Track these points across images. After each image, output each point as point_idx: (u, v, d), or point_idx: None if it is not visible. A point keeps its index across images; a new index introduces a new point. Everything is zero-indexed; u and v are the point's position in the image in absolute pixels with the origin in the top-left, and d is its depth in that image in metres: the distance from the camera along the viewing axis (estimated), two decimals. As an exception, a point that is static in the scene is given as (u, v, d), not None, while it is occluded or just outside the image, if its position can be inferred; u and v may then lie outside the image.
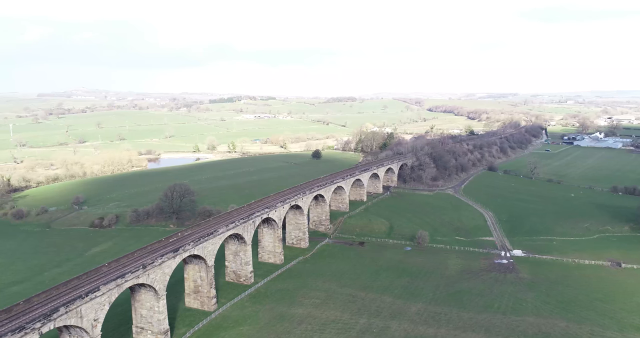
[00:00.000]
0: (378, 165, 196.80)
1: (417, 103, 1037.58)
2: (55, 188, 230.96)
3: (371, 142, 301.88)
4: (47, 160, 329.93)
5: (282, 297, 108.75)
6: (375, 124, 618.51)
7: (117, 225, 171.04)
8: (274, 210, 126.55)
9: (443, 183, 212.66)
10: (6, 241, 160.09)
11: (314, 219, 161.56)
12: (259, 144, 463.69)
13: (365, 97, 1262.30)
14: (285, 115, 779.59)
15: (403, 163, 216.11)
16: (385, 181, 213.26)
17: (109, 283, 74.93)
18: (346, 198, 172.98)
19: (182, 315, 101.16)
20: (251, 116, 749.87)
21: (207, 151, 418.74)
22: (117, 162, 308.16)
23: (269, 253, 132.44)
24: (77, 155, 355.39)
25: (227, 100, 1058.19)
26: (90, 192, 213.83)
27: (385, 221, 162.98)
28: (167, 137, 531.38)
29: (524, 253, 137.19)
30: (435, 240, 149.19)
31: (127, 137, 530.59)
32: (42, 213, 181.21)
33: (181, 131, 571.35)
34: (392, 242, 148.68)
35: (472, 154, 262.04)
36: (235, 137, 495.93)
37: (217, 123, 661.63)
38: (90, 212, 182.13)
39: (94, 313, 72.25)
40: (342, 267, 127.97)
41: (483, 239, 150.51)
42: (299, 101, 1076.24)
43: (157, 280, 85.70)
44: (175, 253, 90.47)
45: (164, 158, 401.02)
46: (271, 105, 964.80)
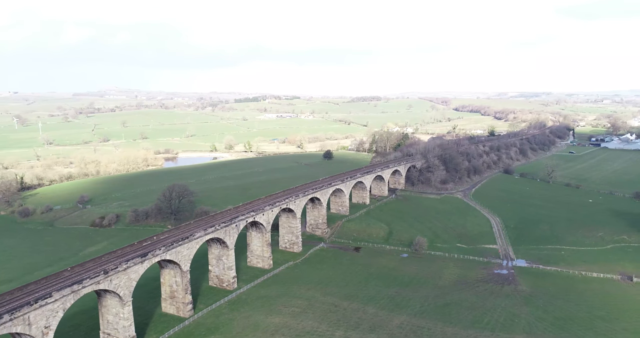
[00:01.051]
0: (383, 168, 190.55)
1: (444, 102, 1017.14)
2: (65, 187, 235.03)
3: (385, 142, 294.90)
4: (67, 158, 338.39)
5: (262, 304, 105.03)
6: (397, 124, 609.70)
7: (116, 225, 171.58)
8: (261, 214, 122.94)
9: (453, 186, 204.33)
10: (8, 239, 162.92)
11: (310, 223, 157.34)
12: (276, 143, 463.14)
13: (391, 97, 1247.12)
14: (308, 115, 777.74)
15: (411, 165, 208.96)
16: (393, 183, 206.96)
17: (64, 290, 72.87)
18: (346, 201, 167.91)
19: (157, 321, 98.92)
20: (273, 115, 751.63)
21: (225, 150, 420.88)
22: (132, 160, 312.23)
23: (257, 257, 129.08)
24: (96, 153, 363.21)
25: (252, 99, 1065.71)
26: (99, 191, 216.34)
27: (385, 226, 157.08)
28: (188, 136, 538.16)
29: (527, 264, 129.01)
30: (434, 247, 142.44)
31: (150, 136, 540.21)
32: (46, 212, 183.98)
33: (203, 130, 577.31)
34: (389, 248, 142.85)
35: (487, 155, 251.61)
36: (255, 137, 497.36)
37: (239, 122, 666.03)
38: (93, 211, 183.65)
39: (44, 321, 70.29)
40: (331, 273, 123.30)
41: (486, 247, 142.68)
42: (323, 101, 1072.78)
43: (121, 286, 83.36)
44: (143, 258, 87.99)
45: (181, 157, 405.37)
46: (295, 105, 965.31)
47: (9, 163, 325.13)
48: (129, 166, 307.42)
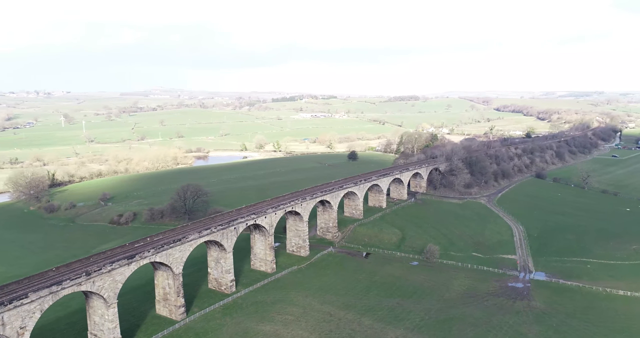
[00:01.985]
0: (402, 170, 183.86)
1: (485, 102, 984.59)
2: (93, 184, 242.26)
3: (412, 143, 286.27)
4: (103, 156, 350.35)
5: (256, 310, 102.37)
6: (433, 124, 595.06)
7: (133, 223, 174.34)
8: (263, 216, 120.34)
9: (477, 191, 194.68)
10: (31, 234, 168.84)
11: (321, 226, 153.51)
12: (307, 143, 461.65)
13: (430, 96, 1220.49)
14: (343, 114, 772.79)
15: (434, 168, 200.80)
16: (414, 187, 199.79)
17: (41, 291, 72.78)
18: (360, 204, 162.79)
19: (148, 323, 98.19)
20: (308, 115, 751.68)
21: (255, 150, 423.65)
22: (162, 159, 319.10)
23: (260, 260, 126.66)
24: (130, 151, 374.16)
25: (289, 99, 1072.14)
26: (123, 189, 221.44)
27: (398, 231, 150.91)
28: (222, 135, 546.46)
29: (546, 277, 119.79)
30: (447, 256, 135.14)
31: (185, 134, 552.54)
32: (70, 208, 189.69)
33: (237, 129, 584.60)
34: (399, 255, 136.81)
35: (519, 159, 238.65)
36: (287, 136, 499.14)
37: (273, 122, 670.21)
38: (113, 208, 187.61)
39: (20, 321, 70.33)
40: (333, 280, 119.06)
41: (503, 257, 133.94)
42: (360, 100, 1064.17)
43: (105, 288, 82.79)
44: (130, 260, 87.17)
45: (212, 156, 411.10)
46: (331, 104, 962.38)
47: (49, 159, 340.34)
48: (159, 164, 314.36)
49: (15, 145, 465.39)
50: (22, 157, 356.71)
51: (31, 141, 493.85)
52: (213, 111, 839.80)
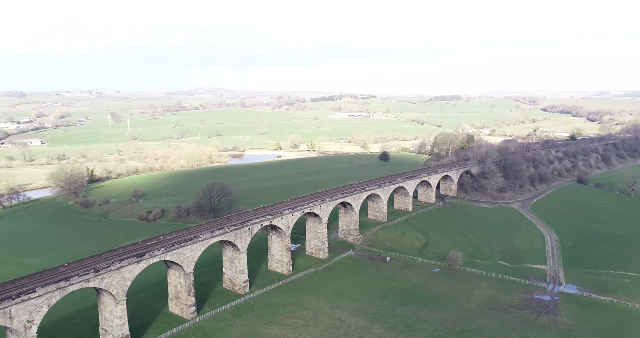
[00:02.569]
0: (430, 173, 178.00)
1: (532, 102, 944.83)
2: (129, 181, 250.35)
3: (447, 145, 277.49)
4: (143, 154, 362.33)
5: (267, 312, 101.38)
6: (474, 125, 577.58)
7: (161, 220, 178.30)
8: (279, 218, 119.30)
9: (511, 196, 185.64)
10: (65, 228, 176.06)
11: (342, 228, 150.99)
12: (342, 143, 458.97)
13: (473, 96, 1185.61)
14: (381, 114, 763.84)
15: (465, 171, 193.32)
16: (444, 190, 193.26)
17: (49, 286, 74.64)
18: (384, 207, 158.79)
19: (160, 320, 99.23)
20: (346, 115, 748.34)
21: (290, 149, 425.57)
22: (197, 157, 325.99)
23: (277, 262, 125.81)
24: (169, 149, 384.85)
25: (328, 98, 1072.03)
26: (156, 186, 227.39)
27: (421, 236, 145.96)
28: (259, 135, 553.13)
29: (577, 290, 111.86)
30: (471, 263, 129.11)
31: (224, 133, 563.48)
32: (104, 204, 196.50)
33: (274, 129, 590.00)
34: (421, 261, 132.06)
35: (560, 162, 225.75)
36: (319, 136, 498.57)
37: (310, 121, 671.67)
38: (143, 205, 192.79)
39: (27, 315, 72.37)
40: (349, 284, 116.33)
41: (532, 267, 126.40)
42: (400, 100, 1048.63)
43: (113, 285, 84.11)
44: (139, 258, 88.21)
45: (247, 155, 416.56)
46: (370, 104, 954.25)
47: (93, 156, 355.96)
48: (195, 163, 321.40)
49: (65, 142, 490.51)
50: (69, 154, 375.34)
51: (80, 138, 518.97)
52: (253, 110, 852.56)
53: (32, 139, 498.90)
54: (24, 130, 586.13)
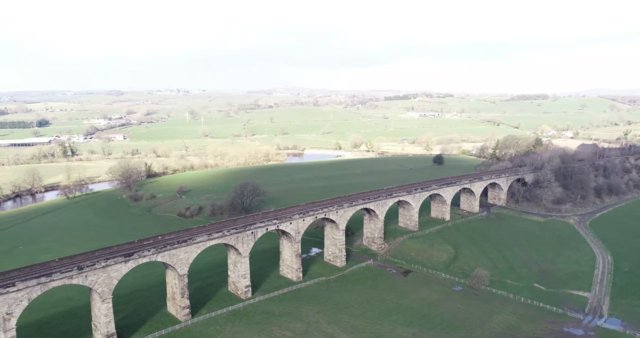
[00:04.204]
0: (472, 179, 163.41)
1: (631, 102, 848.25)
2: (181, 177, 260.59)
3: (509, 148, 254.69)
4: (205, 150, 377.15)
5: (260, 320, 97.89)
6: (555, 127, 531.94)
7: (198, 217, 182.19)
8: (288, 222, 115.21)
9: (570, 208, 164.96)
10: (111, 220, 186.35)
11: (367, 236, 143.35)
12: (405, 143, 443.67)
13: (561, 95, 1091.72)
14: (455, 114, 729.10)
15: (517, 178, 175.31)
16: (492, 198, 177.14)
17: (29, 281, 77.09)
18: (414, 215, 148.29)
19: (155, 320, 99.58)
20: (417, 114, 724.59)
21: (349, 149, 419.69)
22: (254, 155, 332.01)
23: (287, 267, 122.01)
24: (230, 146, 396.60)
25: (402, 97, 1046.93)
26: (203, 183, 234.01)
27: (451, 249, 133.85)
28: (324, 133, 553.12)
29: (621, 326, 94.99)
30: (500, 284, 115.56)
31: (290, 131, 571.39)
32: (150, 199, 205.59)
33: (339, 128, 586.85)
34: (443, 277, 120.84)
35: (638, 172, 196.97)
36: (387, 136, 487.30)
37: (378, 121, 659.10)
38: (185, 201, 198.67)
39: (6, 307, 75.21)
40: (356, 297, 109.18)
41: (572, 293, 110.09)
42: (479, 99, 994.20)
43: (98, 283, 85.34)
44: (127, 258, 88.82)
45: (307, 153, 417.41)
46: (445, 103, 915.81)
47: (162, 151, 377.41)
48: (251, 160, 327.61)
49: (144, 137, 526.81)
50: (142, 149, 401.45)
51: (158, 134, 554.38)
52: (323, 109, 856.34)
53: (116, 134, 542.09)
54: (112, 125, 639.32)
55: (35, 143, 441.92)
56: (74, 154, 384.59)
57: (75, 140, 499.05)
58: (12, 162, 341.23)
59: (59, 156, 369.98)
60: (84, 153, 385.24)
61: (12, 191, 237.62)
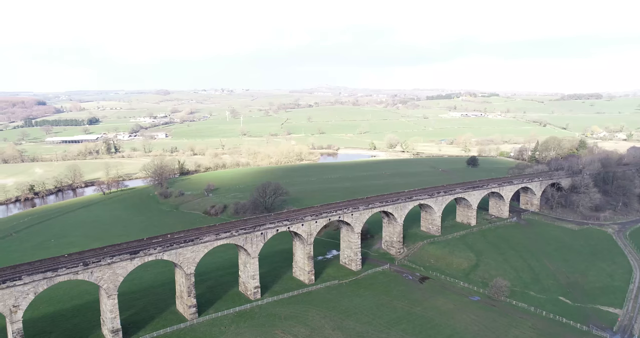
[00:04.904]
0: (501, 183, 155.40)
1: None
2: (211, 175, 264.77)
3: (550, 151, 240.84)
4: (240, 149, 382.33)
5: (264, 323, 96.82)
6: (607, 128, 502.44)
7: (222, 215, 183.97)
8: (299, 224, 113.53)
9: (610, 216, 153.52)
10: (141, 216, 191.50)
11: (385, 239, 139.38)
12: (443, 144, 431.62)
13: (618, 94, 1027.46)
14: (499, 114, 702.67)
15: (552, 182, 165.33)
16: (524, 203, 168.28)
17: (35, 275, 79.43)
18: (437, 219, 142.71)
19: (163, 317, 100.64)
20: (458, 114, 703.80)
21: (385, 149, 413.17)
22: (286, 154, 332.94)
23: (300, 269, 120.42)
24: (265, 145, 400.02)
25: (445, 96, 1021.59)
26: (231, 181, 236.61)
27: (473, 256, 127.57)
28: (361, 133, 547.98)
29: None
30: (522, 295, 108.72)
31: (327, 131, 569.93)
32: (178, 196, 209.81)
33: (377, 127, 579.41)
34: (461, 285, 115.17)
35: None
36: (427, 136, 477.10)
37: (417, 120, 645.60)
38: (211, 199, 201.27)
39: (13, 300, 77.78)
40: (366, 303, 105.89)
41: (601, 309, 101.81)
42: (526, 98, 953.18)
43: (103, 279, 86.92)
44: (133, 255, 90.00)
45: (341, 153, 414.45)
46: (490, 103, 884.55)
47: (199, 150, 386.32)
48: (284, 159, 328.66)
49: (185, 135, 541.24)
50: (181, 146, 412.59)
51: (198, 132, 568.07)
52: (362, 108, 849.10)
53: (159, 132, 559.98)
54: (156, 124, 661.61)
55: (83, 140, 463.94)
56: (117, 151, 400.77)
57: (121, 137, 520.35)
58: (59, 158, 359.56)
59: (103, 153, 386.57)
60: (126, 150, 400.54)
61: (54, 186, 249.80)
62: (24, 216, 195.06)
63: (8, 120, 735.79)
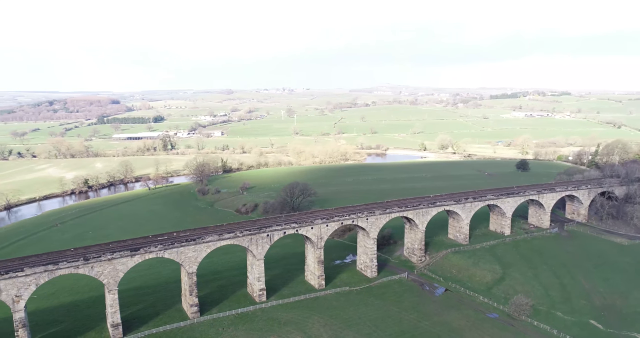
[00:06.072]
0: (540, 190, 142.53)
1: None
2: (252, 173, 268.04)
3: (611, 155, 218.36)
4: (286, 148, 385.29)
5: (262, 327, 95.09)
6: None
7: (252, 214, 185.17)
8: (308, 227, 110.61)
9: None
10: (177, 212, 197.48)
11: (407, 246, 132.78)
12: (499, 146, 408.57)
13: None
14: (568, 115, 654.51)
15: (602, 191, 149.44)
16: (570, 213, 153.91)
17: (37, 267, 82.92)
18: (464, 227, 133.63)
19: (166, 315, 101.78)
20: (522, 114, 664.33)
21: (436, 150, 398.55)
22: (331, 154, 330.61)
23: (310, 273, 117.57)
24: (314, 144, 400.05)
25: (510, 96, 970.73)
26: (268, 180, 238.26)
27: (498, 269, 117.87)
28: (414, 133, 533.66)
29: (691, 389, 74.50)
30: (546, 315, 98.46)
31: (379, 130, 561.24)
32: (215, 193, 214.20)
33: (431, 128, 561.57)
34: (481, 300, 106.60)
35: None
36: (486, 137, 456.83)
37: (476, 121, 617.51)
38: (244, 198, 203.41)
39: (15, 290, 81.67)
40: (372, 313, 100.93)
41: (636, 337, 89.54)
42: (601, 97, 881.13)
43: (104, 275, 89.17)
44: (133, 252, 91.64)
45: (390, 154, 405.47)
46: (560, 102, 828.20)
47: (248, 148, 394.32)
48: (328, 159, 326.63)
49: (240, 134, 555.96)
50: (232, 145, 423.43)
51: (253, 131, 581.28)
52: (420, 108, 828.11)
53: (215, 131, 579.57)
54: (214, 122, 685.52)
55: (144, 137, 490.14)
56: (172, 147, 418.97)
57: (180, 135, 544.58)
58: (119, 154, 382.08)
59: (160, 150, 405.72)
60: (180, 147, 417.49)
61: (107, 180, 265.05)
62: (74, 208, 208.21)
63: (85, 117, 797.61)
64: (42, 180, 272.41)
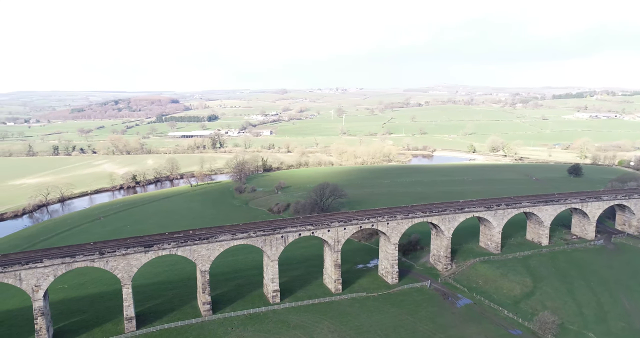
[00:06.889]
0: (584, 199, 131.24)
1: None
2: (292, 173, 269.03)
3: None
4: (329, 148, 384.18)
5: (270, 329, 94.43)
6: None
7: (284, 213, 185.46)
8: (325, 229, 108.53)
9: None
10: (214, 209, 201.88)
11: (433, 253, 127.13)
12: (557, 149, 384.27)
13: None
14: (639, 116, 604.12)
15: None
16: (620, 224, 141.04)
17: (55, 259, 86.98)
18: (495, 235, 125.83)
19: (181, 311, 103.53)
20: (586, 115, 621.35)
21: (485, 152, 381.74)
22: (373, 154, 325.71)
23: (328, 277, 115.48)
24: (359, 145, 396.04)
25: (575, 95, 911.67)
26: (304, 179, 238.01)
27: (529, 281, 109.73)
28: (465, 134, 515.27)
29: None
30: (576, 335, 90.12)
31: (429, 131, 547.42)
32: (251, 192, 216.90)
33: (486, 129, 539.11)
34: (505, 315, 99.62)
35: None
36: (543, 139, 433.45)
37: (534, 122, 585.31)
38: (278, 197, 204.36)
39: (35, 280, 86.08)
40: (386, 322, 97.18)
41: (679, 368, 79.59)
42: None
43: (118, 269, 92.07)
44: (147, 248, 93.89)
45: (437, 155, 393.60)
46: (632, 103, 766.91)
47: (292, 147, 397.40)
48: (370, 160, 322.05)
49: (288, 133, 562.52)
50: (278, 144, 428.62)
51: (301, 130, 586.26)
52: (475, 108, 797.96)
53: (265, 130, 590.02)
54: (265, 121, 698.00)
55: (196, 135, 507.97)
56: (221, 146, 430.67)
57: (231, 133, 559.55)
58: (171, 151, 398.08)
59: (209, 148, 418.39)
60: (228, 146, 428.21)
61: (154, 176, 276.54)
62: (119, 202, 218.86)
63: (145, 116, 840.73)
64: (96, 175, 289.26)
